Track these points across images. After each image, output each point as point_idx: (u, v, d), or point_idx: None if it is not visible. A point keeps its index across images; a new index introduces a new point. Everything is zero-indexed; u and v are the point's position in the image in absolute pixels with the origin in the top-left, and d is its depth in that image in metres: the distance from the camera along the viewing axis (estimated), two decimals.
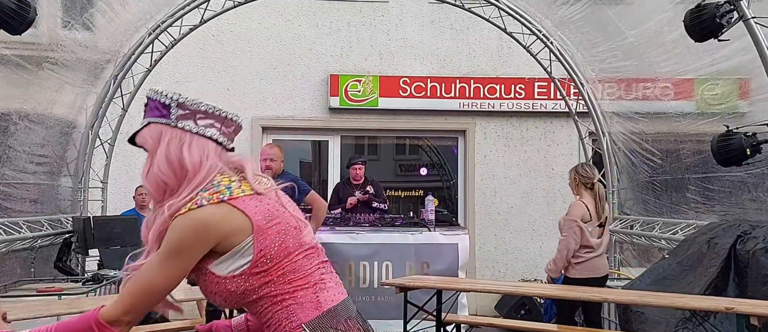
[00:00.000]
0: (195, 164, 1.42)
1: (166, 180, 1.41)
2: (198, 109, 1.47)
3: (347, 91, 8.47)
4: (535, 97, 8.56)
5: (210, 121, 1.47)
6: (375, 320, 5.87)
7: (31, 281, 4.92)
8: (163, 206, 1.41)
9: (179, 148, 1.42)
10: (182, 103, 1.46)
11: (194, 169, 1.42)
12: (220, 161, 1.46)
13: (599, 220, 4.96)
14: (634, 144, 6.08)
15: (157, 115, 1.46)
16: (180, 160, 1.42)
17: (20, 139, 4.76)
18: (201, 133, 1.46)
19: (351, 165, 6.95)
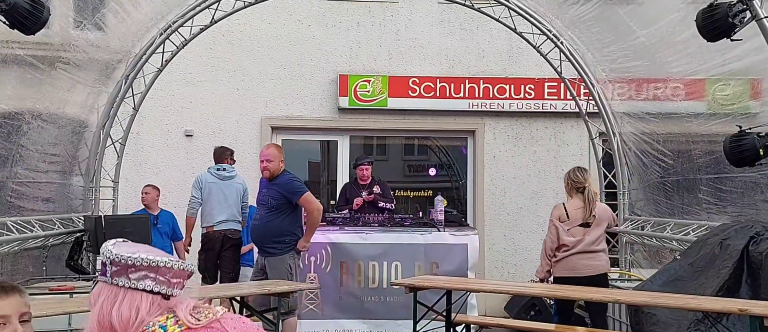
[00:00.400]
0: (124, 322, 1.43)
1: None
2: (128, 263, 1.44)
3: (356, 91, 8.48)
4: (544, 97, 8.53)
5: (143, 273, 1.45)
6: (384, 320, 5.92)
7: (44, 279, 4.97)
8: None
9: (110, 308, 1.43)
10: (114, 260, 1.45)
11: (124, 328, 1.43)
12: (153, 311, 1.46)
13: (584, 220, 5.04)
14: (645, 144, 6.05)
15: (102, 274, 1.47)
16: (110, 321, 1.43)
17: (33, 138, 4.81)
18: (133, 286, 1.44)
19: (357, 165, 6.95)
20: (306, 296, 5.92)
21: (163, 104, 8.17)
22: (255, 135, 8.47)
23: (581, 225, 5.05)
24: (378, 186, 6.82)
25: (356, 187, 6.89)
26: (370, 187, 6.79)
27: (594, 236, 5.04)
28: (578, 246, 5.00)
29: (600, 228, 5.08)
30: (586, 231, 5.04)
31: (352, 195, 6.83)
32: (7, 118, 4.47)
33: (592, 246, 5.02)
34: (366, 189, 6.77)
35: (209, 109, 8.38)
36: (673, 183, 5.73)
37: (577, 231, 5.05)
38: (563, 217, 5.09)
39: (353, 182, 7.06)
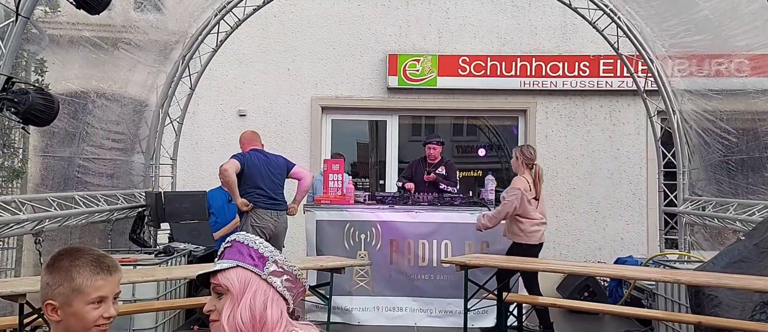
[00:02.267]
0: (273, 323, 1.45)
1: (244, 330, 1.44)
2: (286, 269, 1.51)
3: (406, 70, 8.45)
4: (600, 74, 8.28)
5: (291, 284, 1.51)
6: (434, 298, 5.93)
7: (109, 251, 5.20)
8: None
9: (264, 303, 1.46)
10: (277, 261, 1.51)
11: (271, 328, 1.45)
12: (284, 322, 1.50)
13: (535, 195, 5.52)
14: (708, 122, 5.80)
15: (250, 263, 1.49)
16: (262, 315, 1.45)
17: (98, 116, 5.02)
18: (281, 293, 1.50)
19: (426, 143, 6.91)
20: (357, 273, 5.98)
21: (218, 84, 8.36)
22: (305, 115, 8.57)
23: (535, 198, 5.53)
24: (444, 167, 6.77)
25: (423, 165, 6.85)
26: (436, 167, 6.76)
27: (542, 209, 5.57)
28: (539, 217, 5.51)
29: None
30: (538, 204, 5.55)
31: (417, 172, 6.80)
32: (75, 96, 4.68)
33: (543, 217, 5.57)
34: (433, 169, 6.75)
35: (261, 89, 8.53)
36: (736, 163, 5.49)
37: (533, 203, 5.52)
38: (527, 190, 5.48)
39: (421, 160, 6.99)
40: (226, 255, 1.52)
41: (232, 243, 1.53)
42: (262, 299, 1.45)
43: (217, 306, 1.47)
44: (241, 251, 1.50)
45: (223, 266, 1.48)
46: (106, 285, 1.57)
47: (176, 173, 6.98)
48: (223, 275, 1.47)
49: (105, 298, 1.57)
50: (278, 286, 1.48)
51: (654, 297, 5.66)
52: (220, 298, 1.47)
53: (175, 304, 4.95)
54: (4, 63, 3.22)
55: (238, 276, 1.46)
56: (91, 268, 1.57)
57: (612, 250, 8.07)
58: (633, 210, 8.33)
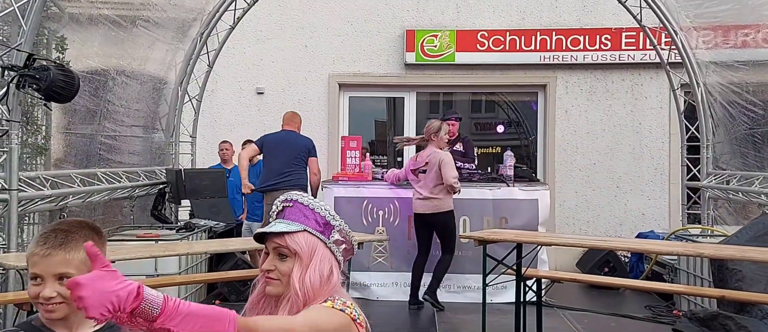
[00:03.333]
0: (333, 286, 1.51)
1: (313, 293, 1.47)
2: (347, 239, 1.56)
3: (423, 46, 8.36)
4: (622, 47, 8.13)
5: (346, 250, 1.57)
6: (452, 274, 5.93)
7: (131, 227, 5.29)
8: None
9: (329, 269, 1.51)
10: (341, 229, 1.54)
11: (331, 292, 1.50)
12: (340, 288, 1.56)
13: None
14: (733, 94, 5.66)
15: (316, 229, 1.51)
16: (328, 280, 1.50)
17: (118, 94, 5.07)
18: (339, 260, 1.55)
19: (445, 119, 6.82)
20: (375, 249, 6.01)
21: (236, 62, 8.37)
22: (322, 92, 8.56)
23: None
24: (461, 143, 6.71)
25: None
26: (453, 144, 6.70)
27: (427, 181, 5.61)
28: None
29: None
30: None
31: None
32: (95, 74, 4.72)
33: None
34: (449, 145, 6.68)
35: (278, 66, 8.52)
36: (763, 135, 5.36)
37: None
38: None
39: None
40: (288, 215, 1.52)
41: (293, 204, 1.53)
42: (328, 265, 1.50)
43: (279, 266, 1.48)
44: (306, 215, 1.51)
45: (292, 229, 1.49)
46: (39, 263, 1.44)
47: (196, 151, 7.04)
48: (291, 238, 1.49)
49: (40, 277, 1.44)
50: (338, 255, 1.53)
51: (676, 272, 5.61)
52: (282, 259, 1.49)
53: (197, 278, 5.03)
54: (25, 40, 3.25)
55: (307, 241, 1.49)
56: (36, 242, 1.47)
57: (633, 226, 7.99)
58: (655, 185, 8.21)
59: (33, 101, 3.99)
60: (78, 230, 1.49)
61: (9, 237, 3.45)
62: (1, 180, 3.40)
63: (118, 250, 3.83)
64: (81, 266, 1.43)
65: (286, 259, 1.49)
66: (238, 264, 5.75)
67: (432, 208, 5.54)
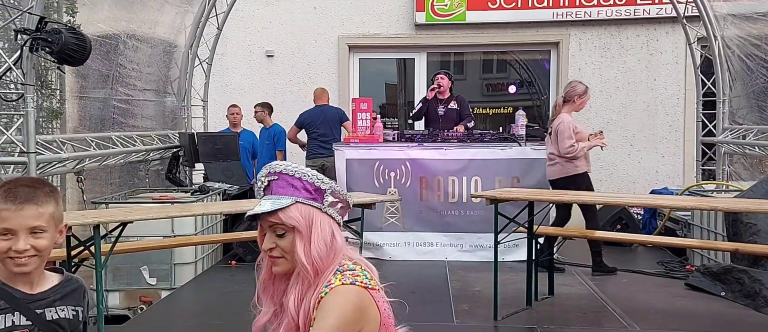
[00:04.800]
0: (338, 249, 1.47)
1: (323, 263, 1.43)
2: (341, 198, 1.50)
3: (433, 5, 8.23)
4: (637, 2, 7.95)
5: (343, 208, 1.51)
6: (464, 233, 5.97)
7: (148, 190, 5.36)
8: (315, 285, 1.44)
9: (331, 234, 1.46)
10: (334, 191, 1.48)
11: (338, 254, 1.46)
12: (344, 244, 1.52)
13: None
14: (752, 47, 5.55)
15: (308, 197, 1.45)
16: (333, 242, 1.46)
17: (129, 57, 5.08)
18: (337, 220, 1.49)
19: (434, 76, 6.78)
20: (387, 210, 6.04)
21: (245, 25, 8.31)
22: (333, 54, 8.49)
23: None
24: (455, 101, 6.67)
25: (435, 103, 6.76)
26: (447, 103, 6.67)
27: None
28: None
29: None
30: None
31: (430, 109, 6.71)
32: (106, 38, 4.72)
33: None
34: (444, 105, 6.66)
35: (288, 28, 8.45)
36: None
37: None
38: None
39: (433, 98, 6.85)
40: (275, 190, 1.45)
41: (278, 176, 1.46)
42: (329, 229, 1.45)
43: (279, 244, 1.43)
44: (295, 185, 1.44)
45: (283, 204, 1.42)
46: (11, 218, 1.45)
47: (207, 114, 7.06)
48: (284, 214, 1.42)
49: (12, 230, 1.46)
50: (335, 215, 1.48)
51: (689, 228, 5.59)
52: (281, 236, 1.43)
53: (213, 239, 5.11)
54: (36, 3, 3.24)
55: (301, 213, 1.43)
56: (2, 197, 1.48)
57: (646, 183, 7.95)
58: (669, 142, 8.14)
59: (47, 65, 4.01)
60: (41, 186, 1.54)
61: None
62: (19, 143, 3.45)
63: (136, 211, 3.89)
64: (50, 220, 1.51)
65: (285, 235, 1.43)
66: (253, 226, 5.80)
67: (557, 173, 5.51)
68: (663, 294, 4.78)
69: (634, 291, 4.95)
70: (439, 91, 6.57)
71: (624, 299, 4.70)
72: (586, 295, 4.89)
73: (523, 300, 4.60)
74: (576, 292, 4.98)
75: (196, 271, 5.20)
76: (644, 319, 4.21)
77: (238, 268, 5.60)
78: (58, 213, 1.54)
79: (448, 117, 6.61)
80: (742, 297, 4.20)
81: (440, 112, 6.63)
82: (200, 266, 5.29)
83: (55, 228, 1.53)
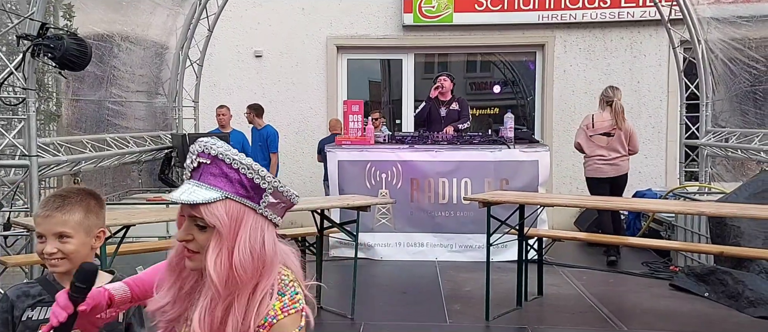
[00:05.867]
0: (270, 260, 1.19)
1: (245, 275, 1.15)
2: (284, 198, 1.22)
3: (421, 7, 8.29)
4: (621, 5, 8.08)
5: (284, 209, 1.24)
6: (454, 234, 6.06)
7: (141, 191, 5.34)
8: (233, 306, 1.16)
9: (262, 242, 1.18)
10: (276, 190, 1.20)
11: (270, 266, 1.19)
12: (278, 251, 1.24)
13: (608, 130, 6.01)
14: (735, 51, 5.69)
15: (242, 194, 1.16)
16: (262, 254, 1.18)
17: (123, 60, 5.06)
18: (273, 220, 1.21)
19: (438, 77, 6.85)
20: (378, 210, 6.10)
21: (233, 25, 8.28)
22: (321, 54, 8.50)
23: (604, 134, 5.99)
24: (457, 103, 6.76)
25: (437, 104, 6.78)
26: (449, 104, 6.74)
27: (614, 144, 5.99)
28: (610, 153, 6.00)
29: (620, 141, 5.99)
30: (609, 141, 6.00)
31: (432, 111, 6.75)
32: (100, 40, 4.70)
33: (613, 152, 5.99)
34: (445, 106, 6.73)
35: (276, 29, 8.44)
36: (765, 92, 5.42)
37: (602, 139, 6.01)
38: (589, 126, 6.07)
39: (435, 99, 6.84)
40: (205, 177, 1.17)
41: (211, 160, 1.17)
42: (260, 237, 1.18)
43: (199, 238, 1.16)
44: (229, 176, 1.16)
45: (208, 198, 1.14)
46: (42, 223, 1.63)
47: (199, 115, 7.04)
48: (207, 209, 1.13)
49: (42, 235, 1.64)
50: (273, 217, 1.21)
51: (673, 229, 5.73)
52: (201, 229, 1.15)
53: None
54: (37, 9, 3.23)
55: (229, 213, 1.14)
56: (40, 205, 1.68)
57: (629, 184, 8.04)
58: (652, 143, 8.30)
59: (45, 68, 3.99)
60: (76, 195, 1.67)
61: (31, 200, 3.63)
62: (21, 146, 3.48)
63: (137, 215, 3.91)
64: (77, 226, 1.64)
65: (207, 230, 1.15)
66: None
67: (625, 169, 6.05)
68: (649, 295, 4.91)
69: (621, 292, 5.08)
70: (442, 91, 6.66)
71: (611, 299, 4.82)
72: (574, 296, 4.99)
73: (514, 300, 4.69)
74: (565, 292, 5.08)
75: None
76: (631, 319, 4.32)
77: None
78: (90, 221, 1.66)
79: (449, 118, 6.70)
80: (726, 297, 4.34)
81: (442, 112, 6.71)
82: None
83: (87, 234, 1.65)
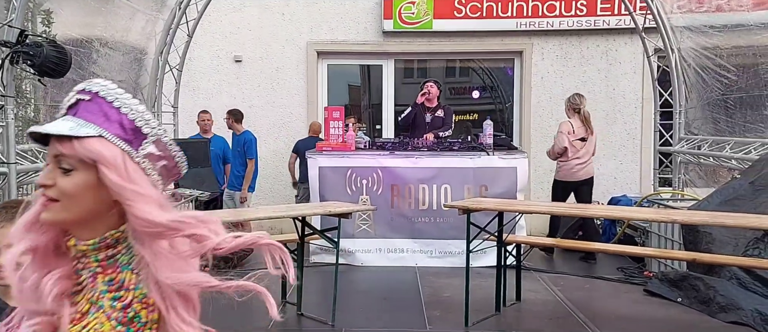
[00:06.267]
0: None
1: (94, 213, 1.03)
2: (167, 153, 1.08)
3: (401, 13, 8.33)
4: (597, 13, 8.23)
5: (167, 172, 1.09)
6: (434, 240, 6.10)
7: None
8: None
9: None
10: (160, 140, 1.07)
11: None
12: None
13: (584, 135, 6.47)
14: (706, 60, 5.83)
15: (119, 135, 1.04)
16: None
17: (102, 66, 5.00)
18: (150, 174, 1.06)
19: (425, 83, 6.88)
20: (359, 216, 6.11)
21: (213, 30, 8.23)
22: (301, 60, 8.50)
23: (581, 139, 6.43)
24: (442, 110, 6.81)
25: (423, 111, 6.80)
26: (435, 111, 6.78)
27: (589, 148, 6.49)
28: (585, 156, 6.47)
29: (592, 143, 6.52)
30: (584, 144, 6.44)
31: (417, 117, 6.78)
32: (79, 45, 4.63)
33: (587, 156, 6.49)
34: (431, 112, 6.77)
35: (256, 34, 8.41)
36: (735, 100, 5.56)
37: (578, 143, 6.43)
38: (571, 132, 6.45)
39: (421, 105, 6.79)
40: (81, 112, 1.04)
41: (91, 97, 1.05)
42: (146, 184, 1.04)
43: (60, 183, 1.02)
44: (108, 115, 1.04)
45: (81, 133, 1.01)
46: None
47: (178, 121, 6.98)
48: (80, 144, 1.01)
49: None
50: (150, 171, 1.05)
51: (647, 235, 5.85)
52: (65, 173, 1.02)
53: None
54: (16, 15, 3.18)
55: (106, 149, 1.01)
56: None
57: (605, 190, 8.23)
58: (627, 150, 8.46)
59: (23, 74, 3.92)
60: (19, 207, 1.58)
61: None
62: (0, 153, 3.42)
63: None
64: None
65: (72, 173, 1.02)
66: None
67: (592, 171, 6.57)
68: (624, 300, 5.00)
69: (597, 297, 5.17)
70: (428, 98, 6.70)
71: (587, 305, 4.90)
72: (551, 301, 5.07)
73: (492, 306, 4.74)
74: (542, 298, 5.15)
75: None
76: (607, 325, 4.40)
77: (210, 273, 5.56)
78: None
79: (434, 125, 6.73)
80: (698, 303, 4.44)
81: (427, 119, 6.75)
82: None
83: None
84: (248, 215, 4.36)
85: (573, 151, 6.42)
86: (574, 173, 6.44)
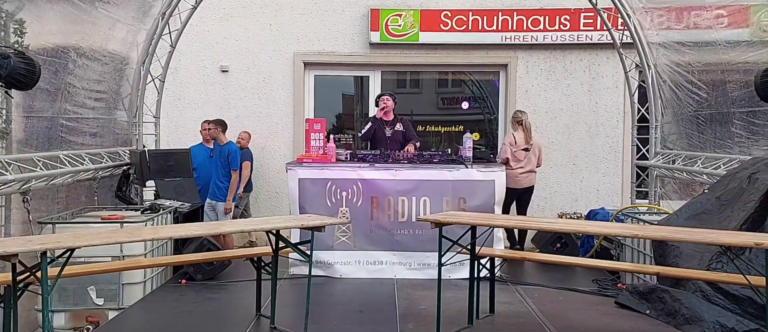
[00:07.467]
0: None
1: None
2: None
3: (388, 25, 8.44)
4: (580, 28, 8.34)
5: None
6: (413, 252, 6.16)
7: (95, 209, 5.32)
8: None
9: None
10: None
11: None
12: None
13: (526, 146, 6.96)
14: (680, 76, 5.93)
15: None
16: None
17: (79, 76, 5.05)
18: None
19: (379, 97, 6.98)
20: (338, 228, 6.17)
21: (199, 40, 8.33)
22: (288, 70, 8.59)
23: (524, 150, 6.93)
24: (401, 124, 6.89)
25: (382, 124, 6.91)
26: (393, 124, 6.86)
27: (532, 158, 6.96)
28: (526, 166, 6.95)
29: (535, 154, 6.99)
30: (526, 155, 6.94)
31: (377, 131, 6.88)
32: (54, 55, 4.69)
33: (530, 165, 6.96)
34: (390, 126, 6.85)
35: (243, 44, 8.51)
36: (706, 117, 5.65)
37: (521, 153, 6.92)
38: (513, 143, 6.97)
39: (379, 119, 6.94)
40: None
41: None
42: None
43: None
44: None
45: None
46: None
47: (160, 131, 7.05)
48: None
49: None
50: None
51: (622, 248, 5.92)
52: None
53: (163, 261, 5.12)
54: None
55: None
56: None
57: (588, 201, 8.32)
58: (609, 162, 8.54)
59: None
60: None
61: None
62: None
63: (84, 236, 3.88)
64: None
65: None
66: (204, 244, 5.86)
67: (532, 181, 7.02)
68: (595, 312, 5.05)
69: (569, 309, 5.21)
70: (385, 111, 6.80)
71: (560, 317, 4.95)
72: (524, 313, 5.11)
73: (466, 318, 4.79)
74: (515, 310, 5.20)
75: (145, 291, 5.20)
76: None
77: (188, 287, 5.61)
78: None
79: (394, 139, 6.83)
80: (665, 315, 4.50)
81: (388, 133, 6.84)
82: (149, 285, 5.29)
83: None
84: (223, 228, 4.41)
85: (516, 161, 6.91)
86: (518, 181, 6.91)
